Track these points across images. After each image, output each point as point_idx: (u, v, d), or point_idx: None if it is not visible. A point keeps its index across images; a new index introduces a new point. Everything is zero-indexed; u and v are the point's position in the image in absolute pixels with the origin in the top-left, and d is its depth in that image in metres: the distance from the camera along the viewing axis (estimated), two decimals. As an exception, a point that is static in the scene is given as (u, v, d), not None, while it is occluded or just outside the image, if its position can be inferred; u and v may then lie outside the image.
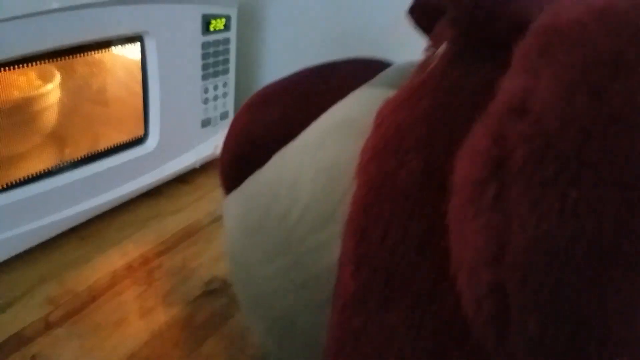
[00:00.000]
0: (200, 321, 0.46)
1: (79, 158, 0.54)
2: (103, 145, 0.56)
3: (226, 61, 0.67)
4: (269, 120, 0.36)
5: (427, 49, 0.32)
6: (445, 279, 0.23)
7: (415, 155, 0.25)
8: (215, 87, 0.67)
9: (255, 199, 0.33)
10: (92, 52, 0.52)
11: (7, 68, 0.44)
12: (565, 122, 0.18)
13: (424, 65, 0.29)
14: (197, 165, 0.68)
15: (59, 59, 0.49)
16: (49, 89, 0.53)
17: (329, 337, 0.27)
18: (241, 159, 0.36)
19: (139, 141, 0.60)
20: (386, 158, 0.25)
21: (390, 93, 0.29)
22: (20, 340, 0.42)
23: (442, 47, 0.29)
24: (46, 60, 0.47)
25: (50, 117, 0.55)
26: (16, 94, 0.51)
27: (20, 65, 0.45)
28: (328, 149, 0.30)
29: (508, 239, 0.18)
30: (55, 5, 0.44)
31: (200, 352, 0.42)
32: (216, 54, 0.65)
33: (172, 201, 0.64)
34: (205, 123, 0.67)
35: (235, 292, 0.37)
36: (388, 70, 0.36)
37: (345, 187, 0.28)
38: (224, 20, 0.64)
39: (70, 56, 0.50)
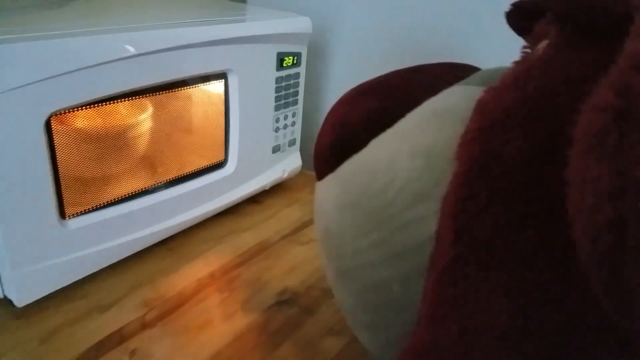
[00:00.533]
0: (275, 327, 0.51)
1: (168, 180, 0.61)
2: (188, 169, 0.63)
3: (296, 93, 0.74)
4: (365, 110, 0.38)
5: (524, 48, 0.34)
6: (547, 244, 0.25)
7: (522, 133, 0.27)
8: (285, 117, 0.73)
9: (352, 179, 0.36)
10: (182, 88, 0.59)
11: (108, 102, 0.51)
12: None
13: (521, 61, 0.31)
14: (267, 187, 0.75)
15: (153, 94, 0.56)
16: (142, 119, 0.61)
17: (424, 304, 0.29)
18: (337, 146, 0.38)
19: (219, 166, 0.67)
20: (491, 136, 0.27)
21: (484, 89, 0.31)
22: (120, 337, 0.49)
23: (543, 43, 0.31)
24: (143, 95, 0.55)
25: (142, 143, 0.63)
26: (115, 123, 0.59)
27: (121, 100, 0.53)
28: (426, 134, 0.33)
29: (630, 176, 0.20)
30: (132, 51, 0.50)
31: (276, 355, 0.47)
32: (287, 87, 0.71)
33: (245, 219, 0.70)
34: (275, 149, 0.74)
35: (326, 267, 0.40)
36: (479, 72, 0.39)
37: (442, 168, 0.30)
38: (295, 57, 0.70)
39: (164, 91, 0.57)
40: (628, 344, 0.24)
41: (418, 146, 0.32)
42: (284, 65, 0.69)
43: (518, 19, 0.37)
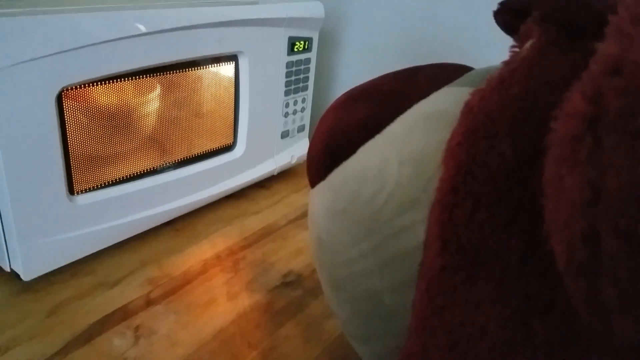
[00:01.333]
0: (279, 307, 0.51)
1: (177, 161, 0.62)
2: (197, 150, 0.63)
3: (306, 79, 0.74)
4: (355, 117, 0.37)
5: (512, 48, 0.33)
6: (534, 252, 0.24)
7: (505, 138, 0.26)
8: (295, 103, 0.73)
9: (342, 187, 0.35)
10: (193, 69, 0.60)
11: (119, 79, 0.51)
12: None
13: (509, 62, 0.30)
14: (275, 173, 0.75)
15: (164, 73, 0.56)
16: (152, 98, 0.61)
17: (414, 315, 0.29)
18: (328, 154, 0.37)
19: (227, 148, 0.67)
20: (476, 142, 0.27)
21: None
22: (125, 312, 0.49)
23: (529, 43, 0.30)
24: (153, 74, 0.55)
25: (151, 122, 0.63)
26: (126, 100, 0.59)
27: (132, 77, 0.53)
28: (414, 139, 0.32)
29: (603, 186, 0.19)
30: (144, 29, 0.50)
31: (279, 334, 0.48)
32: (298, 72, 0.71)
33: (252, 203, 0.71)
34: (284, 135, 0.74)
35: (320, 277, 0.39)
36: (471, 73, 0.38)
37: (430, 174, 0.29)
38: (306, 42, 0.70)
39: (174, 71, 0.58)
40: (618, 353, 0.23)
41: (406, 152, 0.32)
42: (295, 50, 0.69)
43: (507, 18, 0.36)
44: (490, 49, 0.61)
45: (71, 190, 0.51)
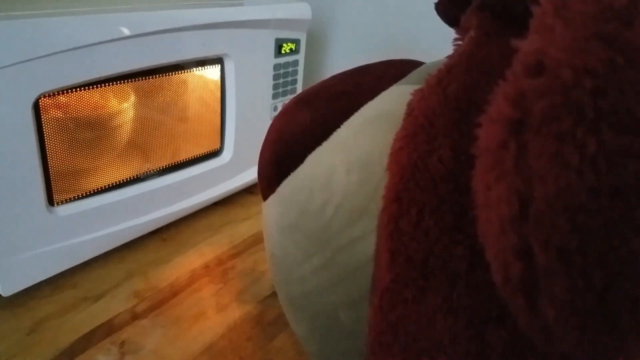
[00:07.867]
0: (270, 318, 0.49)
1: (162, 168, 0.60)
2: (183, 156, 0.62)
3: (294, 81, 0.72)
4: (302, 123, 0.35)
5: (454, 41, 0.32)
6: (481, 260, 0.22)
7: (444, 140, 0.25)
8: (284, 106, 0.72)
9: (291, 199, 0.33)
10: (177, 73, 0.58)
11: (100, 85, 0.49)
12: (580, 72, 0.17)
13: (450, 56, 0.29)
14: (264, 178, 0.73)
15: (146, 77, 0.54)
16: (134, 104, 0.59)
17: (369, 330, 0.27)
18: (277, 163, 0.36)
19: (215, 154, 0.65)
20: (416, 145, 0.25)
21: None
22: (110, 327, 0.47)
23: (469, 36, 0.29)
24: (136, 79, 0.53)
25: (134, 129, 0.60)
26: (107, 107, 0.57)
27: (113, 83, 0.51)
28: (361, 144, 0.30)
29: (530, 197, 0.17)
30: (126, 32, 0.48)
31: (272, 347, 0.46)
32: (285, 74, 0.70)
33: (242, 210, 0.69)
34: (273, 139, 0.72)
35: (277, 293, 0.37)
36: (420, 68, 0.36)
37: (378, 181, 0.28)
38: (294, 43, 0.69)
39: (158, 75, 0.56)
40: None
41: (353, 158, 0.30)
42: (283, 52, 0.67)
43: (448, 9, 0.35)
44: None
45: (51, 201, 0.49)
